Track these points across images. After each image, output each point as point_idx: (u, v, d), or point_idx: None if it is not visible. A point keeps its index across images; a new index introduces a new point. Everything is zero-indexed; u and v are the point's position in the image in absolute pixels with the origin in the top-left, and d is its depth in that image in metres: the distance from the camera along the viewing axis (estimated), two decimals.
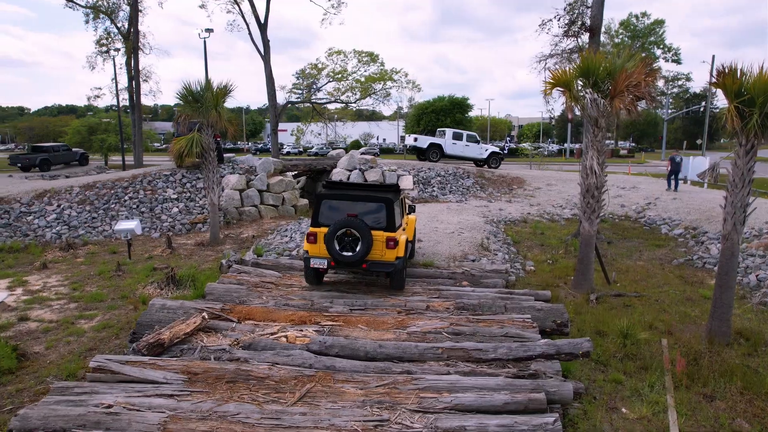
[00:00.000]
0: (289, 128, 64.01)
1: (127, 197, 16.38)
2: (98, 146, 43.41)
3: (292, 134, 45.52)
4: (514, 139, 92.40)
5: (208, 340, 6.55)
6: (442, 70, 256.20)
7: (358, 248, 8.01)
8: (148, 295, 9.78)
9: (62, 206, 15.42)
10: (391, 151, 64.13)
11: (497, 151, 28.58)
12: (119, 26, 31.28)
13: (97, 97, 32.41)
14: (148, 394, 5.29)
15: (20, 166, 30.62)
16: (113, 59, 32.40)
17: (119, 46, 31.85)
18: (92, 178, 18.25)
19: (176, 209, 16.33)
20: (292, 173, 20.13)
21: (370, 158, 21.58)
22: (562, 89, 10.24)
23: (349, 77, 33.74)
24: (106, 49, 32.32)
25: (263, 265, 10.76)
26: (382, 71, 33.40)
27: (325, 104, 34.88)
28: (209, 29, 29.32)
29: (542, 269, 11.70)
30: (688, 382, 6.15)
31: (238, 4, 30.02)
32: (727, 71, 6.70)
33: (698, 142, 68.06)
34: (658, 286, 10.59)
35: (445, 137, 27.02)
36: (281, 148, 68.61)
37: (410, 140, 27.64)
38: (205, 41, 29.56)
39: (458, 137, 27.20)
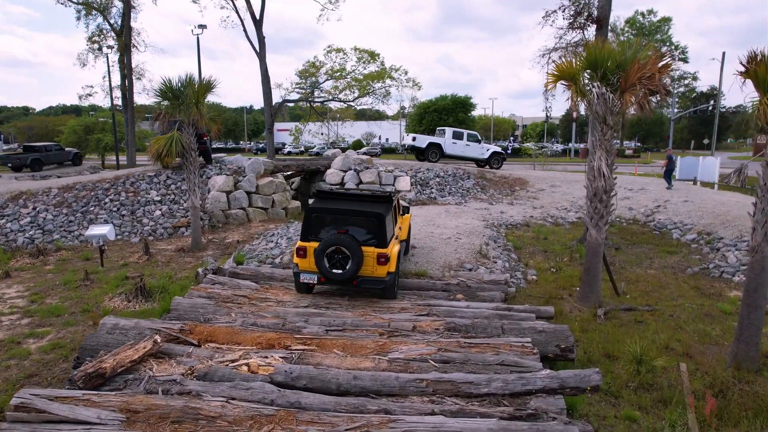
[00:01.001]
0: (291, 128, 63.19)
1: (107, 199, 15.55)
2: (94, 146, 42.71)
3: (290, 134, 44.65)
4: (518, 139, 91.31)
5: (158, 368, 5.69)
6: (445, 69, 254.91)
7: (348, 266, 7.82)
8: (112, 308, 8.96)
9: (38, 209, 14.60)
10: (393, 151, 63.27)
11: (499, 151, 27.57)
12: (112, 23, 30.51)
13: (89, 95, 31.61)
14: None
15: (11, 166, 29.81)
16: (106, 57, 31.68)
17: (112, 43, 31.08)
18: (73, 179, 17.44)
19: (159, 212, 15.50)
20: (284, 174, 19.29)
21: (365, 158, 20.72)
22: (566, 83, 9.35)
23: (347, 76, 32.86)
24: (98, 46, 31.59)
25: (241, 274, 9.91)
26: (381, 69, 32.46)
27: (322, 102, 33.96)
28: (202, 25, 28.53)
29: (545, 279, 10.80)
30: (717, 423, 5.24)
31: None
32: (758, 58, 5.78)
33: (705, 141, 66.91)
34: (671, 298, 9.67)
35: (444, 136, 26.02)
36: (282, 147, 67.88)
37: (408, 140, 26.65)
38: (198, 38, 28.80)
39: (458, 136, 26.21)
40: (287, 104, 35.64)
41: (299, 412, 4.88)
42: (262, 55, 28.62)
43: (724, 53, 39.44)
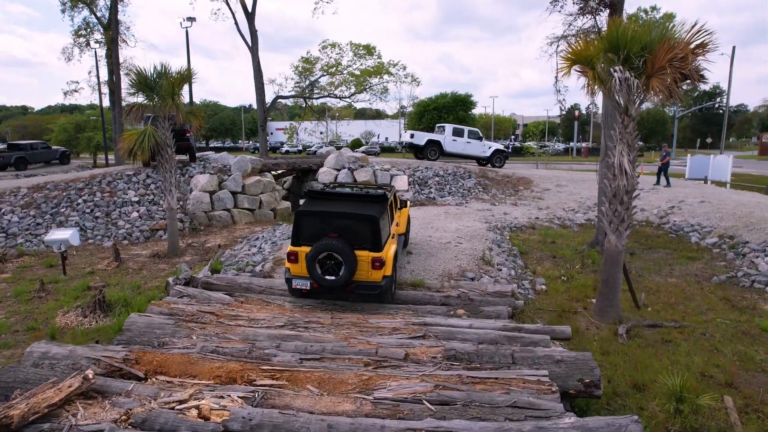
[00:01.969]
0: (287, 126, 62.14)
1: (80, 200, 14.41)
2: (85, 144, 41.54)
3: (284, 132, 43.57)
4: (518, 138, 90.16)
5: (85, 412, 4.57)
6: (446, 69, 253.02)
7: (341, 272, 7.41)
8: (64, 325, 7.85)
9: (3, 210, 13.47)
10: (392, 149, 62.15)
11: (501, 148, 26.43)
12: (99, 16, 29.40)
13: (74, 91, 30.47)
14: None
15: None
16: (94, 52, 30.57)
17: (100, 37, 29.97)
18: (44, 178, 16.33)
19: (136, 213, 14.37)
20: (274, 173, 18.17)
21: (360, 156, 19.60)
22: (581, 69, 8.25)
23: (344, 71, 31.70)
24: (86, 41, 30.47)
25: (214, 285, 8.80)
26: (378, 64, 31.30)
27: (316, 98, 32.79)
28: (191, 18, 27.37)
29: (555, 288, 9.69)
30: None
31: None
32: None
33: (708, 140, 65.74)
34: (700, 312, 8.55)
35: (444, 134, 24.85)
36: (281, 146, 66.75)
37: (406, 137, 25.50)
38: (187, 31, 27.70)
39: (459, 133, 25.04)
40: (285, 103, 34.62)
41: None
42: (254, 49, 27.49)
43: (734, 47, 38.08)
